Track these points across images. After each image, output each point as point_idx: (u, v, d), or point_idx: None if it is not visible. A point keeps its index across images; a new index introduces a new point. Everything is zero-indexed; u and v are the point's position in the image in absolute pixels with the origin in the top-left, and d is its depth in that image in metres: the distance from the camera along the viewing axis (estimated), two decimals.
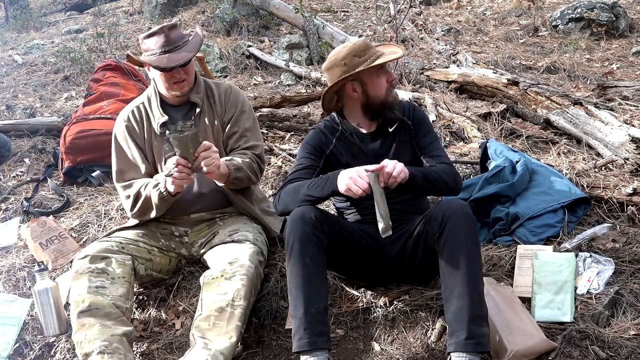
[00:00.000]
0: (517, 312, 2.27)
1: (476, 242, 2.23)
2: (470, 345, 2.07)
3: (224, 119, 2.73)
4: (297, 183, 2.40)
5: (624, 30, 6.27)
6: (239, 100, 2.78)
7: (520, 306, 2.31)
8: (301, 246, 2.22)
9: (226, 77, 5.87)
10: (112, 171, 2.75)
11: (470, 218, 2.24)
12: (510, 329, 2.18)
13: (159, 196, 2.54)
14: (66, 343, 2.59)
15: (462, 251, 2.15)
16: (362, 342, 2.45)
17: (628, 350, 2.16)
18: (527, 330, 2.19)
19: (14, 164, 4.02)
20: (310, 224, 2.23)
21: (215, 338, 2.26)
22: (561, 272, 2.44)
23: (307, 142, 2.55)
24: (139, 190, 2.62)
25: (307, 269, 2.22)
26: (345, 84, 2.45)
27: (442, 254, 2.19)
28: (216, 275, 2.41)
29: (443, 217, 2.21)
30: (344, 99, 2.52)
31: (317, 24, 6.21)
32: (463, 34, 6.59)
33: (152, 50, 2.59)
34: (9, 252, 3.15)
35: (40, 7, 10.31)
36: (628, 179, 3.05)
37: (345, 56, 2.40)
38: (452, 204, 2.29)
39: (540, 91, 4.19)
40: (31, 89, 5.76)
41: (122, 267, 2.49)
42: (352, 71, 2.39)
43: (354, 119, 2.54)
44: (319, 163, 2.50)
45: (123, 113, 2.76)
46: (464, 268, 2.14)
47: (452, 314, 2.13)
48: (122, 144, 2.72)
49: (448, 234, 2.18)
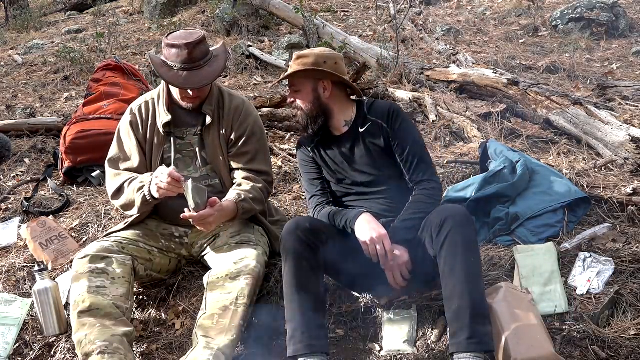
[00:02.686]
0: (530, 320, 2.20)
1: (475, 243, 2.23)
2: (473, 345, 2.05)
3: (231, 135, 2.68)
4: (324, 212, 2.50)
5: (624, 30, 6.27)
6: (250, 120, 2.72)
7: (535, 315, 2.24)
8: (296, 254, 2.25)
9: (226, 77, 5.86)
10: (108, 155, 2.74)
11: (469, 220, 2.24)
12: (518, 337, 2.14)
13: (142, 200, 2.53)
14: (66, 343, 2.59)
15: (461, 252, 2.15)
16: (362, 342, 2.45)
17: (628, 350, 2.17)
18: (536, 341, 2.13)
19: (14, 164, 4.01)
20: (305, 232, 2.27)
21: (217, 336, 2.26)
22: (545, 262, 2.44)
23: (300, 165, 2.68)
24: (123, 184, 2.62)
25: (304, 275, 2.24)
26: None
27: (442, 255, 2.19)
28: (221, 275, 2.42)
29: (442, 221, 2.21)
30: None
31: (317, 24, 6.21)
32: (463, 34, 6.59)
33: (171, 61, 2.53)
34: (9, 252, 3.15)
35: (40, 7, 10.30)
36: (628, 179, 3.06)
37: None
38: (450, 208, 2.30)
39: (540, 91, 4.19)
40: (31, 89, 5.75)
41: (123, 267, 2.49)
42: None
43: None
44: (320, 174, 2.61)
45: (132, 106, 2.76)
46: (464, 268, 2.13)
47: (453, 314, 2.11)
48: (123, 136, 2.73)
49: (447, 237, 2.18)
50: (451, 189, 2.99)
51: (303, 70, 2.46)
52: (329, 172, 2.58)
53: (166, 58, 2.55)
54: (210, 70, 2.55)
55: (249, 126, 2.70)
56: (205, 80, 2.53)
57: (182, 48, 2.50)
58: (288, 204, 3.29)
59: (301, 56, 2.49)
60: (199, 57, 2.53)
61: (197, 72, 2.52)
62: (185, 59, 2.50)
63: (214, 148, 2.67)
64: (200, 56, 2.53)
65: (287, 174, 3.57)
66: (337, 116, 2.53)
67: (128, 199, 2.60)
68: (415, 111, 4.19)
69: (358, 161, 2.51)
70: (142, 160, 2.69)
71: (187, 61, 2.50)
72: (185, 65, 2.50)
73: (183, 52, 2.50)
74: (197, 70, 2.52)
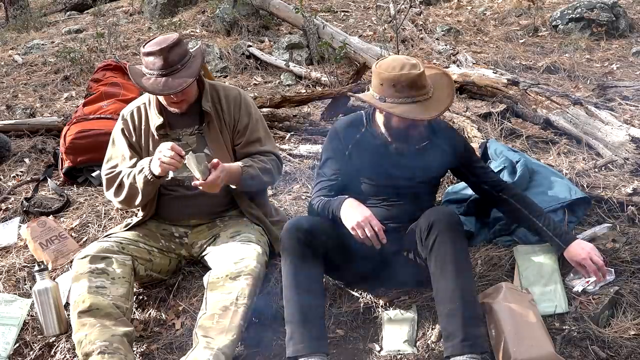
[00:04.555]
0: (531, 321, 2.21)
1: (464, 245, 2.23)
2: (467, 347, 2.05)
3: (236, 125, 2.69)
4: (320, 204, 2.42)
5: (624, 30, 6.26)
6: (251, 108, 2.73)
7: (535, 315, 2.24)
8: (296, 255, 2.24)
9: (226, 77, 5.86)
10: (103, 162, 2.75)
11: (457, 222, 2.24)
12: (518, 338, 2.14)
13: (144, 180, 2.51)
14: (66, 343, 2.59)
15: (449, 255, 2.15)
16: (362, 342, 2.45)
17: (628, 350, 2.17)
18: (537, 341, 2.14)
19: (14, 164, 4.02)
20: (305, 232, 2.26)
21: (217, 336, 2.26)
22: (545, 263, 2.44)
23: (325, 149, 2.53)
24: (122, 180, 2.61)
25: (303, 274, 2.23)
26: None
27: (431, 258, 2.19)
28: (221, 275, 2.41)
29: (429, 225, 2.21)
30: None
31: (317, 24, 6.21)
32: (463, 34, 6.58)
33: (149, 69, 2.53)
34: (9, 252, 3.15)
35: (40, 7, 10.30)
36: (628, 179, 3.05)
37: (387, 79, 2.24)
38: (437, 211, 2.31)
39: (540, 91, 4.18)
40: (31, 89, 5.76)
41: (123, 268, 2.49)
42: (376, 103, 2.29)
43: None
44: (339, 166, 2.48)
45: (124, 112, 2.75)
46: (453, 270, 2.13)
47: (446, 318, 2.12)
48: (116, 142, 2.73)
49: (435, 240, 2.18)
50: (451, 189, 2.99)
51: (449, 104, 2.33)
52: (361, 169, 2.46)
53: (145, 67, 2.55)
54: (188, 72, 2.53)
55: (252, 113, 2.72)
56: (184, 83, 2.50)
57: (157, 54, 2.49)
58: (288, 204, 3.29)
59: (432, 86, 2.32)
60: (176, 61, 2.51)
61: (177, 75, 2.50)
62: (161, 65, 2.49)
63: (218, 143, 2.67)
64: (177, 59, 2.52)
65: (287, 174, 3.56)
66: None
67: (130, 187, 2.58)
68: None
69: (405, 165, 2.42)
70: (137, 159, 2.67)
71: (163, 67, 2.49)
72: (163, 71, 2.49)
73: (158, 59, 2.49)
74: (175, 73, 2.50)
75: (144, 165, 2.52)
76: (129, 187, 2.58)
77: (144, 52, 2.54)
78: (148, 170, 2.49)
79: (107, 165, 2.73)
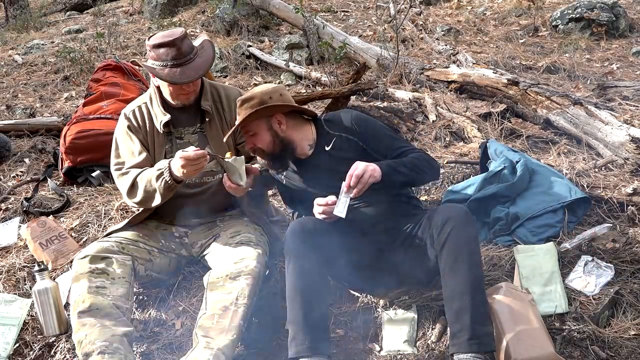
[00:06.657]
0: (531, 320, 2.21)
1: (477, 244, 2.22)
2: (475, 345, 2.05)
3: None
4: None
5: (624, 30, 6.27)
6: None
7: (535, 315, 2.24)
8: (299, 256, 2.24)
9: (226, 77, 5.86)
10: (111, 165, 2.72)
11: (471, 220, 2.24)
12: (518, 337, 2.14)
13: (164, 185, 2.49)
14: (66, 343, 2.59)
15: (463, 252, 2.15)
16: (362, 342, 2.45)
17: (628, 350, 2.17)
18: (536, 341, 2.14)
19: (14, 164, 4.02)
20: (309, 233, 2.26)
21: (217, 336, 2.26)
22: (545, 263, 2.44)
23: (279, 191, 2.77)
24: (135, 180, 2.58)
25: (306, 276, 2.23)
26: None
27: (443, 255, 2.18)
28: (221, 275, 2.42)
29: (444, 221, 2.20)
30: None
31: (317, 24, 6.21)
32: (463, 34, 6.59)
33: (162, 60, 2.53)
34: (9, 252, 3.15)
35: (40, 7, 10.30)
36: (628, 179, 3.06)
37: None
38: (452, 207, 2.30)
39: (540, 91, 4.19)
40: (31, 89, 5.76)
41: (122, 268, 2.49)
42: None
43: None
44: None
45: (125, 111, 2.74)
46: (465, 268, 2.13)
47: (454, 314, 2.11)
48: (121, 141, 2.71)
49: (449, 237, 2.17)
50: (451, 189, 2.99)
51: (253, 112, 2.41)
52: (303, 193, 2.56)
53: (155, 60, 2.55)
54: (201, 60, 2.56)
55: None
56: (201, 70, 2.55)
57: (170, 45, 2.51)
58: None
59: (245, 100, 2.46)
60: (187, 51, 2.55)
61: (190, 65, 2.53)
62: (175, 55, 2.51)
63: (219, 141, 2.67)
64: (188, 50, 2.56)
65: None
66: (300, 143, 2.52)
67: (146, 191, 2.55)
68: (415, 111, 4.19)
69: (330, 177, 2.42)
70: (147, 156, 2.66)
71: (177, 57, 2.51)
72: (177, 60, 2.52)
73: (172, 49, 2.51)
74: (190, 63, 2.53)
75: (162, 168, 2.49)
76: (144, 190, 2.55)
77: (153, 44, 2.54)
78: (168, 175, 2.47)
79: (116, 167, 2.69)
